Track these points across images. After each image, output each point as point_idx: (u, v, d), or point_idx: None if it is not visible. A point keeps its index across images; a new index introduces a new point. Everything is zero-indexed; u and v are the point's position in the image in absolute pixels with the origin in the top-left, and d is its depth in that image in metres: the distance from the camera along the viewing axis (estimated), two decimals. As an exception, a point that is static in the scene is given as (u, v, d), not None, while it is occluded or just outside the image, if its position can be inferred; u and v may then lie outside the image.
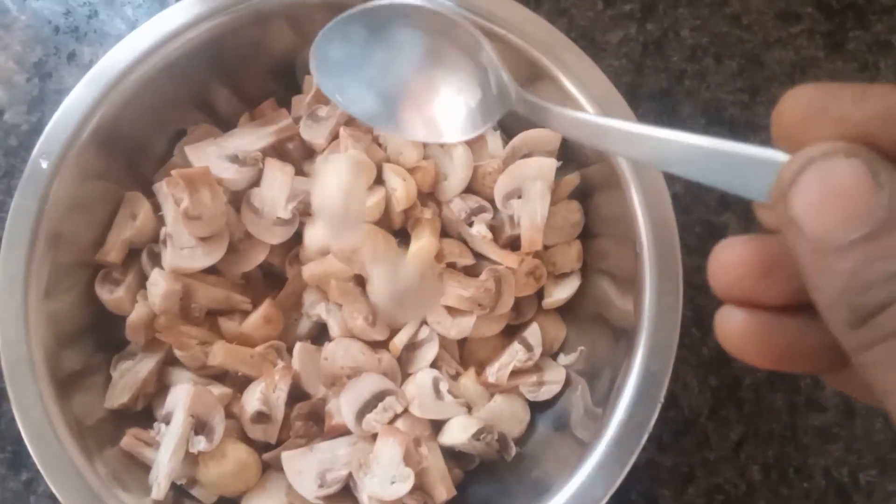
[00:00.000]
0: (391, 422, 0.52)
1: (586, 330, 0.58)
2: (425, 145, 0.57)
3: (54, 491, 0.46)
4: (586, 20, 0.71)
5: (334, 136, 0.55)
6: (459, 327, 0.55)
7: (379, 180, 0.55)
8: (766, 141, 0.73)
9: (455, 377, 0.56)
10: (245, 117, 0.59)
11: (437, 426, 0.54)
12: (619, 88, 0.60)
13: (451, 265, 0.55)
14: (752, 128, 0.68)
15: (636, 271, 0.51)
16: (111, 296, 0.53)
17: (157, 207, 0.56)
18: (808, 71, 0.70)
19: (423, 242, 0.53)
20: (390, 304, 0.45)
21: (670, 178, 0.59)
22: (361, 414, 0.52)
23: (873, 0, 0.72)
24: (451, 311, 0.55)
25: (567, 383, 0.57)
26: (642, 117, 0.68)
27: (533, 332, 0.57)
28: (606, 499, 0.46)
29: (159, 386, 0.54)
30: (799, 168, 0.18)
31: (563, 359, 0.58)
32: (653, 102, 0.69)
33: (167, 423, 0.50)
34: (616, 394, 0.49)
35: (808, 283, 0.18)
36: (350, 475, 0.51)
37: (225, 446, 0.50)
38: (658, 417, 0.49)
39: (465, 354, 0.58)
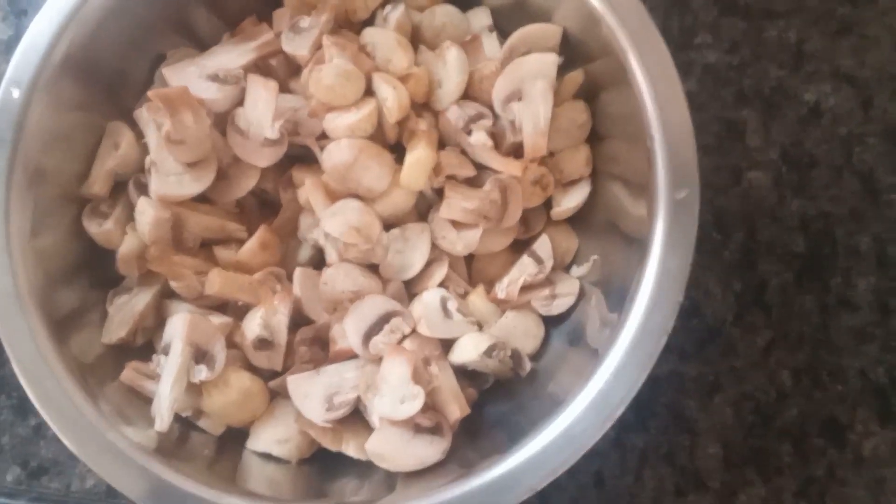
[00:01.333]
0: (399, 343, 0.50)
1: (598, 239, 0.56)
2: (417, 51, 0.53)
3: (54, 429, 0.44)
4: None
5: (318, 47, 0.52)
6: (465, 242, 0.52)
7: (369, 92, 0.52)
8: (785, 29, 0.66)
9: (463, 296, 0.54)
10: (226, 37, 0.56)
11: (447, 347, 0.52)
12: None
13: (452, 177, 0.52)
14: (769, 15, 0.63)
15: (649, 171, 0.48)
16: (100, 229, 0.52)
17: (140, 136, 0.53)
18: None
19: (419, 153, 0.50)
20: None
21: (683, 73, 0.55)
22: (368, 337, 0.50)
23: None
24: (456, 225, 0.53)
25: (581, 295, 0.54)
26: (653, 11, 0.63)
27: (543, 245, 0.54)
28: (624, 406, 0.44)
29: (158, 320, 0.52)
30: None
31: (576, 270, 0.55)
32: None
33: (166, 354, 0.48)
34: (632, 298, 0.47)
35: None
36: (358, 398, 0.49)
37: (228, 375, 0.48)
38: (680, 327, 0.47)
39: (472, 273, 0.56)
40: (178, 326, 0.47)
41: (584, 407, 0.44)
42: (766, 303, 0.60)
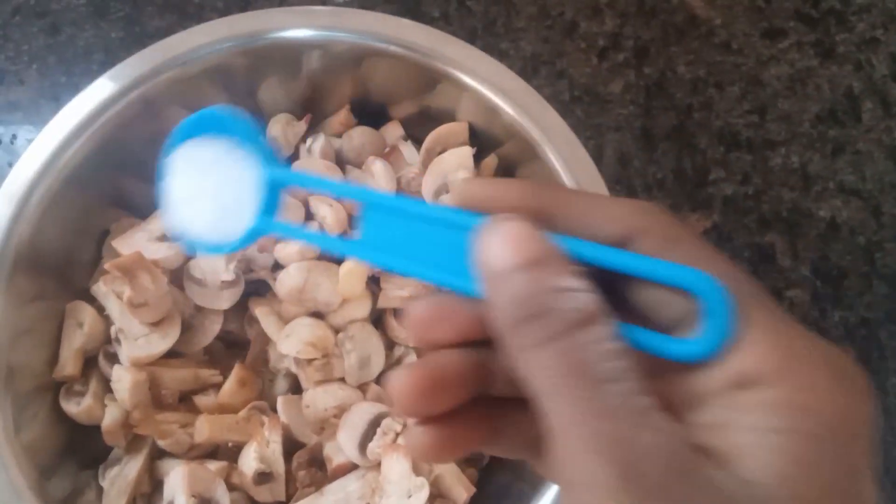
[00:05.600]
0: (393, 442, 0.52)
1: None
2: (344, 171, 0.58)
3: None
4: (585, 77, 0.73)
5: (254, 188, 0.56)
6: None
7: (309, 217, 0.56)
8: (787, 155, 0.73)
9: (441, 382, 0.56)
10: (164, 200, 0.59)
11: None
12: (633, 133, 0.67)
13: None
14: (770, 145, 0.71)
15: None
16: (80, 408, 0.52)
17: (100, 310, 0.55)
18: (807, 81, 0.73)
19: (349, 264, 0.53)
20: None
21: (706, 208, 0.64)
22: (363, 445, 0.51)
23: (849, 2, 0.76)
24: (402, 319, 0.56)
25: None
26: (664, 157, 0.70)
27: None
28: None
29: (153, 484, 0.53)
30: (487, 226, 0.23)
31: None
32: (669, 141, 0.70)
33: (171, 512, 0.48)
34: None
35: (490, 308, 0.23)
36: (367, 507, 0.50)
37: (236, 517, 0.49)
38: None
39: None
40: (178, 480, 0.48)
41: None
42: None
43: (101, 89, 0.55)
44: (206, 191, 0.32)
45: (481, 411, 0.26)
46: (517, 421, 0.27)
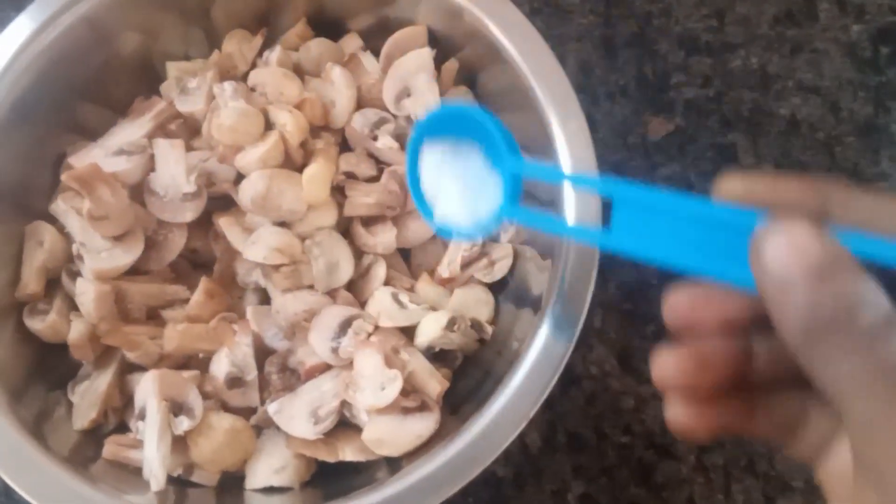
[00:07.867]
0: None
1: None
2: (303, 79, 0.57)
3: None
4: (545, -13, 0.72)
5: (212, 99, 0.55)
6: (382, 241, 0.55)
7: (270, 127, 0.55)
8: (746, 57, 0.71)
9: (410, 289, 0.56)
10: (120, 121, 0.58)
11: (410, 337, 0.54)
12: (593, 43, 0.67)
13: (352, 175, 0.55)
14: (729, 48, 0.71)
15: (543, 129, 0.53)
16: (44, 324, 0.51)
17: (61, 230, 0.54)
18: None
19: (312, 169, 0.53)
20: None
21: (668, 111, 0.64)
22: (335, 346, 0.51)
23: None
24: (370, 228, 0.56)
25: (516, 256, 0.57)
26: (625, 64, 0.70)
27: (468, 221, 0.57)
28: (576, 334, 0.46)
29: (125, 399, 0.52)
30: (769, 229, 0.22)
31: (504, 236, 0.59)
32: (630, 48, 0.70)
33: (143, 418, 0.48)
34: (559, 243, 0.50)
35: (774, 312, 0.22)
36: (342, 406, 0.50)
37: (209, 419, 0.48)
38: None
39: (413, 267, 0.59)
40: (149, 385, 0.48)
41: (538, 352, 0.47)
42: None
43: (40, 10, 0.54)
44: (455, 180, 0.36)
45: (737, 395, 0.27)
46: (771, 405, 0.27)
